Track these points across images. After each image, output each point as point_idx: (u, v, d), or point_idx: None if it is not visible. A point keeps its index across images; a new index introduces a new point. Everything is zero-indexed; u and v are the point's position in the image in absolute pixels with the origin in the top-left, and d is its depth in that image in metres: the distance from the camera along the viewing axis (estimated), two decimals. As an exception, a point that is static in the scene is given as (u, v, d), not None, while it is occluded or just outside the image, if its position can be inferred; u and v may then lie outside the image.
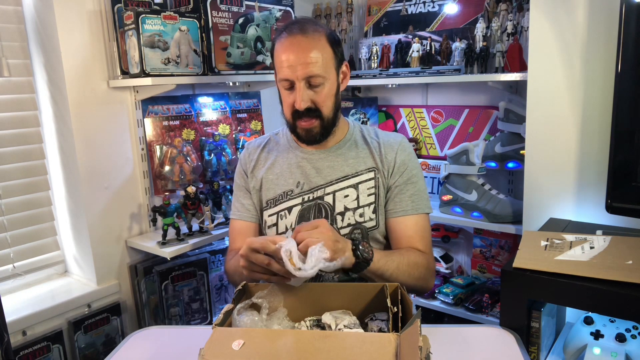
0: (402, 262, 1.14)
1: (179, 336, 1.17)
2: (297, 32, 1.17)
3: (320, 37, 1.18)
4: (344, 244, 1.05)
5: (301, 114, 1.20)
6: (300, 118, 1.22)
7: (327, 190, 1.27)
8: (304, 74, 1.16)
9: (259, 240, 0.94)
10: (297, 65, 1.16)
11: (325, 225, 1.02)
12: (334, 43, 1.22)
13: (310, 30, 1.18)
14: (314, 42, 1.17)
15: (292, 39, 1.17)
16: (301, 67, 1.15)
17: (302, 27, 1.18)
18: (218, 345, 0.80)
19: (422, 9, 2.20)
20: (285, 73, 1.17)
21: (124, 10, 1.68)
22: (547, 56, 1.48)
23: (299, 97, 1.18)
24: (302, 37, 1.17)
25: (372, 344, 0.77)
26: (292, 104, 1.20)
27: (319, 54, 1.17)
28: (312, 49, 1.16)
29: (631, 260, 1.06)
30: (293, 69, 1.16)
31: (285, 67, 1.17)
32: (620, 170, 1.19)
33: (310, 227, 1.00)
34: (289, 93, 1.21)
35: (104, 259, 1.79)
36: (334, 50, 1.22)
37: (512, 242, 2.03)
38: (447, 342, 1.06)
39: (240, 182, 1.38)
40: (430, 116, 2.28)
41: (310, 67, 1.16)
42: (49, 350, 1.60)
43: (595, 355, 1.12)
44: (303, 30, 1.17)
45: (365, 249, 1.08)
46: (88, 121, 1.70)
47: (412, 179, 1.28)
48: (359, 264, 1.06)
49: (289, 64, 1.16)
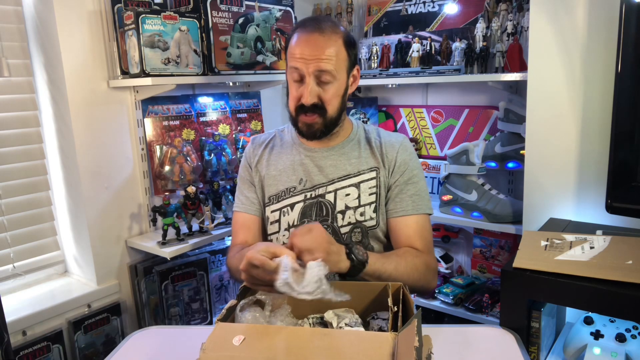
0: (400, 263, 1.14)
1: (179, 336, 1.17)
2: (314, 29, 1.19)
3: (337, 38, 1.20)
4: (338, 247, 1.05)
5: (306, 109, 1.21)
6: (304, 112, 1.22)
7: (329, 188, 1.28)
8: (315, 68, 1.17)
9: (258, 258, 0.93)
10: (310, 59, 1.17)
11: (318, 229, 1.01)
12: (349, 46, 1.23)
13: (328, 29, 1.19)
14: (331, 41, 1.18)
15: (309, 35, 1.18)
16: (314, 62, 1.17)
17: (320, 25, 1.20)
18: (219, 340, 0.81)
19: (422, 9, 2.20)
20: (297, 63, 1.18)
21: (124, 10, 1.68)
22: (547, 56, 1.48)
23: (307, 91, 1.18)
24: (319, 34, 1.18)
25: (370, 343, 0.77)
26: (299, 97, 1.21)
27: (333, 53, 1.18)
28: (327, 47, 1.17)
29: (631, 260, 1.06)
30: (305, 62, 1.17)
31: (297, 57, 1.18)
32: (620, 170, 1.19)
33: (304, 232, 1.00)
34: (297, 86, 1.21)
35: (104, 259, 1.79)
36: (349, 53, 1.23)
37: (512, 242, 2.03)
38: (447, 342, 1.06)
39: (245, 175, 1.38)
40: (430, 116, 2.28)
41: (322, 63, 1.17)
42: (49, 350, 1.60)
43: (595, 355, 1.12)
44: (320, 28, 1.19)
45: (360, 251, 1.07)
46: (88, 121, 1.70)
47: (413, 179, 1.28)
48: (354, 267, 1.06)
49: (302, 56, 1.17)
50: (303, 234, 0.99)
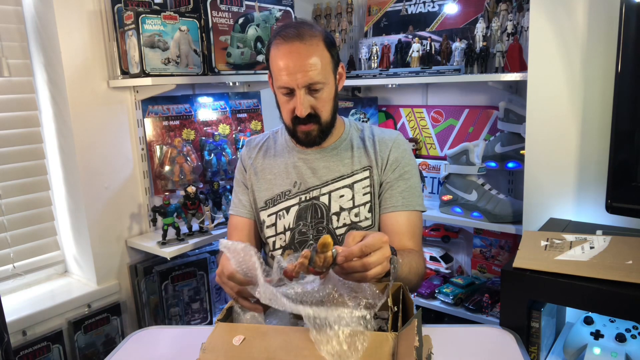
0: (412, 266, 1.12)
1: (179, 336, 1.17)
2: (294, 38, 1.15)
3: (318, 42, 1.17)
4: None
5: (301, 120, 1.20)
6: (300, 123, 1.21)
7: (323, 190, 1.28)
8: (304, 82, 1.15)
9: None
10: (296, 73, 1.14)
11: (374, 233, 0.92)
12: (330, 46, 1.20)
13: (307, 35, 1.16)
14: (312, 47, 1.15)
15: (290, 45, 1.15)
16: (301, 75, 1.14)
17: (299, 32, 1.16)
18: (219, 340, 0.81)
19: (422, 9, 2.20)
20: (285, 81, 1.16)
21: (124, 10, 1.69)
22: (547, 56, 1.48)
23: (300, 104, 1.16)
24: (300, 43, 1.15)
25: (370, 343, 0.77)
26: (292, 110, 1.20)
27: (317, 60, 1.15)
28: (311, 55, 1.15)
29: (631, 260, 1.06)
30: (293, 77, 1.15)
31: (284, 75, 1.15)
32: (620, 170, 1.19)
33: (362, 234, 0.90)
34: (288, 99, 1.20)
35: (104, 259, 1.79)
36: (331, 54, 1.21)
37: (512, 242, 2.03)
38: (447, 342, 1.05)
39: (240, 177, 1.39)
40: (430, 116, 2.28)
41: (310, 74, 1.14)
42: (49, 350, 1.60)
43: (595, 355, 1.12)
44: (300, 36, 1.15)
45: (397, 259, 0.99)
46: (88, 121, 1.70)
47: (405, 175, 1.27)
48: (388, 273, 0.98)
49: (288, 72, 1.15)
50: (362, 234, 0.91)
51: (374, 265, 0.85)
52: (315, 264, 0.83)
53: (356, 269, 0.85)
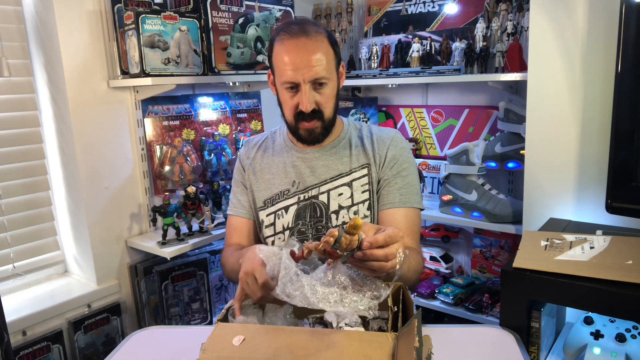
0: (411, 264, 1.12)
1: (179, 336, 1.17)
2: (299, 34, 1.16)
3: (322, 39, 1.18)
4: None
5: (305, 116, 1.20)
6: (304, 119, 1.21)
7: (322, 189, 1.28)
8: (310, 76, 1.15)
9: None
10: (302, 67, 1.15)
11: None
12: (334, 44, 1.22)
13: (312, 31, 1.17)
14: (318, 43, 1.16)
15: (296, 40, 1.16)
16: (307, 70, 1.15)
17: (304, 28, 1.17)
18: (219, 340, 0.81)
19: (422, 9, 2.20)
20: (290, 76, 1.16)
21: (124, 10, 1.68)
22: (547, 56, 1.48)
23: (305, 99, 1.17)
24: (306, 39, 1.16)
25: (370, 343, 0.77)
26: (296, 106, 1.20)
27: (323, 56, 1.16)
28: (316, 50, 1.15)
29: (631, 260, 1.06)
30: (299, 72, 1.15)
31: (289, 70, 1.16)
32: (620, 170, 1.19)
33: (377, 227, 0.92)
34: (292, 95, 1.20)
35: (104, 259, 1.79)
36: (335, 51, 1.22)
37: (512, 242, 2.03)
38: (447, 342, 1.06)
39: (239, 177, 1.39)
40: (430, 116, 2.28)
41: (316, 69, 1.15)
42: (49, 350, 1.60)
43: (595, 355, 1.12)
44: (305, 32, 1.16)
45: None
46: (88, 121, 1.70)
47: (402, 172, 1.27)
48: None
49: (294, 67, 1.15)
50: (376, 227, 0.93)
51: (393, 257, 0.86)
52: (340, 245, 0.81)
53: (378, 258, 0.85)
